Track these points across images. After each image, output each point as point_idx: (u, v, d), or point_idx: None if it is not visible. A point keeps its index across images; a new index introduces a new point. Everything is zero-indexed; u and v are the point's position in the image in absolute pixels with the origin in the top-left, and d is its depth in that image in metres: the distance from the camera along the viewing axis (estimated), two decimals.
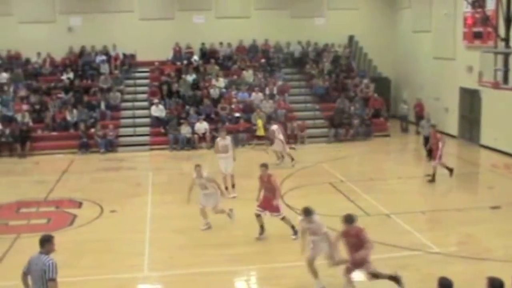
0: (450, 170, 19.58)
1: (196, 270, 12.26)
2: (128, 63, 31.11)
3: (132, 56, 31.39)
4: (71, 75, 29.48)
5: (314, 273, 11.00)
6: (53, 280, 8.27)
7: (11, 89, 28.42)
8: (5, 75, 29.00)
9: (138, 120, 28.03)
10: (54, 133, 26.71)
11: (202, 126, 26.53)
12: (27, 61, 30.44)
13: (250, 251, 13.25)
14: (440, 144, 19.23)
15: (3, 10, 30.21)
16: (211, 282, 11.78)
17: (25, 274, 8.55)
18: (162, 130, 26.90)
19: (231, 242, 13.86)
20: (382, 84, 32.08)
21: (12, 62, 30.17)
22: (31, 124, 26.72)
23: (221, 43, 32.11)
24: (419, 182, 19.88)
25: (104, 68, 30.13)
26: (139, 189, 19.60)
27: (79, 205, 17.40)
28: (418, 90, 30.19)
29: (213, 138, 23.15)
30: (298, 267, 11.47)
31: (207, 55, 31.69)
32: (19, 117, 26.70)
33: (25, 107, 27.47)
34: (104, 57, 30.68)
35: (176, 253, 13.34)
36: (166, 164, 24.45)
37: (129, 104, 29.11)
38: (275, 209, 14.00)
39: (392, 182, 19.57)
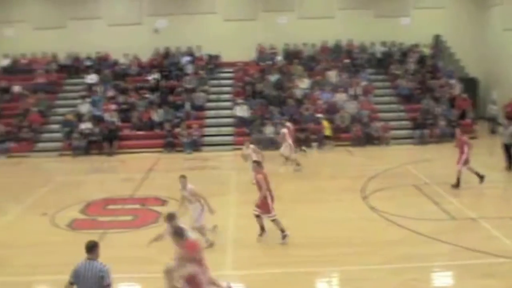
0: (481, 177, 18.45)
1: (278, 270, 12.23)
2: (213, 64, 31.52)
3: (217, 57, 31.78)
4: (157, 75, 30.14)
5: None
6: (110, 285, 8.17)
7: (100, 90, 29.35)
8: (95, 77, 29.99)
9: (222, 120, 28.35)
10: (140, 132, 27.37)
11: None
12: (115, 62, 31.35)
13: (333, 253, 13.10)
14: (465, 148, 18.28)
15: (93, 13, 31.31)
16: (293, 282, 11.71)
17: (71, 284, 8.28)
18: (246, 130, 27.07)
19: (314, 243, 13.76)
20: (470, 85, 31.19)
21: (101, 63, 31.16)
22: (118, 123, 27.50)
23: (304, 44, 32.05)
24: (509, 187, 19.17)
25: (189, 69, 30.64)
26: (223, 188, 19.75)
27: (164, 203, 17.72)
28: (509, 90, 29.09)
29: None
30: (379, 270, 11.29)
31: (291, 55, 31.72)
32: (107, 116, 27.54)
33: (113, 107, 28.33)
34: (189, 58, 31.20)
35: (258, 252, 13.38)
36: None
37: (213, 104, 29.50)
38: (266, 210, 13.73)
39: (479, 185, 18.94)
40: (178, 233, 9.56)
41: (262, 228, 14.05)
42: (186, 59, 31.27)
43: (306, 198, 18.00)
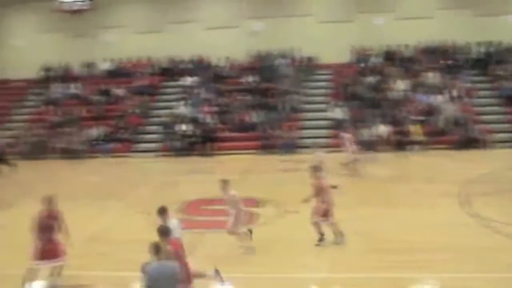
0: None
1: (373, 274, 12.04)
2: (309, 66, 31.48)
3: (313, 59, 31.71)
4: (253, 78, 30.39)
5: None
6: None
7: (198, 92, 29.94)
8: (193, 79, 30.63)
9: (318, 122, 28.22)
10: (237, 134, 27.69)
11: (382, 129, 26.10)
12: (212, 65, 31.88)
13: (430, 259, 12.76)
14: None
15: (191, 17, 32.07)
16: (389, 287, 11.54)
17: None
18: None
19: (410, 248, 13.46)
20: None
21: (199, 66, 31.77)
22: (216, 125, 27.94)
23: (402, 45, 31.41)
24: None
25: (285, 71, 30.72)
26: None
27: (259, 204, 17.81)
28: None
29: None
30: (476, 279, 10.90)
31: (388, 56, 31.19)
32: (205, 118, 28.04)
33: (210, 109, 28.79)
34: (285, 60, 31.29)
35: (354, 256, 13.22)
36: (346, 166, 24.34)
37: (309, 106, 29.42)
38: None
39: None
40: (162, 232, 9.67)
41: (322, 234, 13.87)
42: (282, 61, 31.40)
43: (403, 202, 17.62)
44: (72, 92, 32.01)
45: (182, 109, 28.93)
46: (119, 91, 30.96)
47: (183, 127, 27.63)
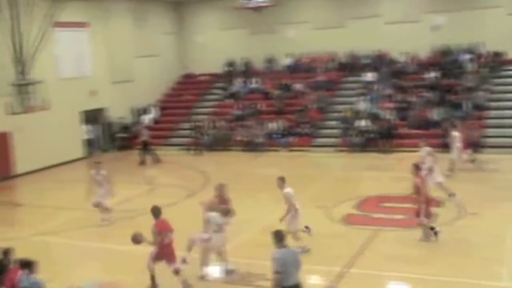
0: None
1: None
2: (496, 61, 29.82)
3: (500, 54, 29.97)
4: (435, 74, 29.42)
5: None
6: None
7: (378, 88, 29.57)
8: (373, 74, 30.31)
9: (504, 121, 26.66)
10: (417, 131, 26.93)
11: None
12: (393, 60, 31.32)
13: None
14: None
15: (372, 12, 31.65)
16: None
17: (279, 273, 8.78)
18: None
19: None
20: None
21: (379, 61, 31.35)
22: (395, 121, 27.43)
23: None
24: None
25: (470, 67, 29.39)
26: (504, 193, 18.56)
27: (440, 203, 17.19)
28: None
29: None
30: None
31: None
32: (384, 114, 27.63)
33: (390, 105, 28.31)
34: (469, 55, 29.92)
35: None
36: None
37: (495, 103, 27.86)
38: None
39: None
40: (154, 213, 11.80)
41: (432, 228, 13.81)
42: (466, 56, 30.04)
43: None
44: (253, 87, 33.01)
45: (362, 104, 28.72)
46: (299, 86, 31.41)
47: (362, 122, 27.43)
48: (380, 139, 26.60)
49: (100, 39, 30.08)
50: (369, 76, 30.51)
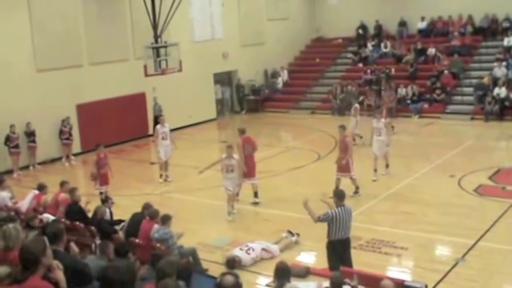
0: None
1: None
2: None
3: None
4: None
5: None
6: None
7: None
8: None
9: None
10: None
11: None
12: None
13: None
14: None
15: None
16: None
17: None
18: None
19: None
20: None
21: None
22: None
23: None
24: None
25: None
26: None
27: None
28: None
29: None
30: None
31: None
32: None
33: None
34: None
35: None
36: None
37: None
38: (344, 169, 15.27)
39: None
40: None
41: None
42: None
43: None
44: (385, 51, 32.31)
45: (499, 71, 27.36)
46: (433, 51, 30.35)
47: (500, 90, 26.17)
48: None
49: (232, 2, 30.50)
50: (509, 40, 28.91)
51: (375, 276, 8.74)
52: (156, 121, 22.68)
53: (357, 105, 23.29)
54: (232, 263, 9.05)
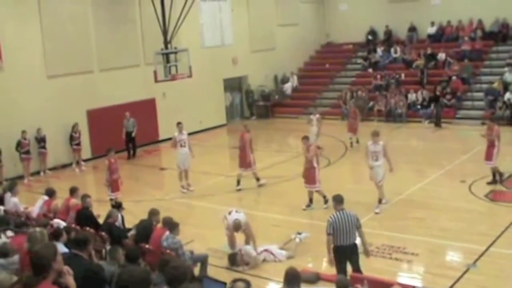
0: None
1: None
2: None
3: None
4: None
5: None
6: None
7: None
8: None
9: None
10: None
11: None
12: None
13: None
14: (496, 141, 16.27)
15: None
16: None
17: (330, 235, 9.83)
18: None
19: None
20: None
21: None
22: None
23: None
24: None
25: None
26: None
27: None
28: None
29: None
30: None
31: None
32: None
33: None
34: None
35: None
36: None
37: None
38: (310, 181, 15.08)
39: None
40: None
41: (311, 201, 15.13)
42: None
43: None
44: (395, 56, 32.26)
45: (508, 76, 27.23)
46: (443, 56, 30.26)
47: (508, 95, 26.04)
48: None
49: (242, 8, 30.57)
50: None
51: (385, 282, 8.70)
52: (129, 138, 23.30)
53: (318, 115, 21.94)
54: (234, 258, 9.22)
